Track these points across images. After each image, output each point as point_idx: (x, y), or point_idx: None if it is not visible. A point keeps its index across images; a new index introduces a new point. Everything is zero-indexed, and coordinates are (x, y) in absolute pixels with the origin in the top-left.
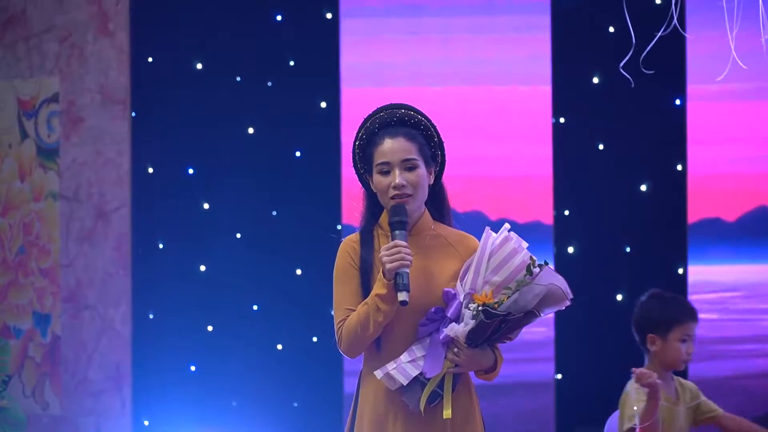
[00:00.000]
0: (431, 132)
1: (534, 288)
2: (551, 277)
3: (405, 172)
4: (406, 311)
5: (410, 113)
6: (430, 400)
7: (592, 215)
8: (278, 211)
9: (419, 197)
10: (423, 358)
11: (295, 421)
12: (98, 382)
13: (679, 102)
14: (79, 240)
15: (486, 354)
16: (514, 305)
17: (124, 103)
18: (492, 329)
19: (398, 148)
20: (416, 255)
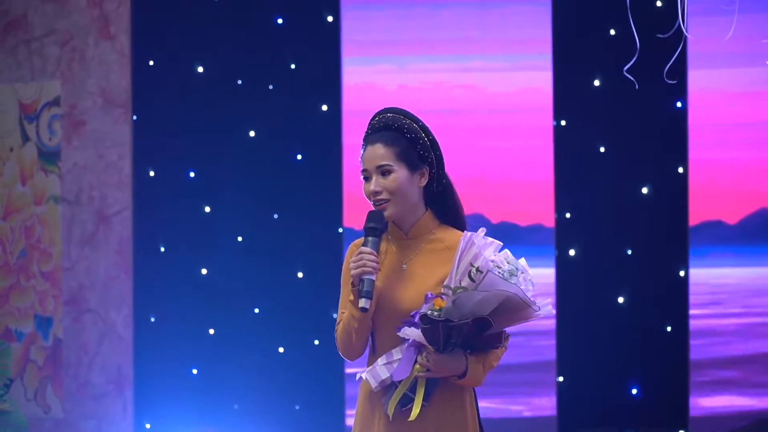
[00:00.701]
0: (416, 135)
1: (474, 295)
2: (497, 284)
3: (380, 178)
4: (398, 315)
5: (395, 117)
6: (403, 404)
7: (593, 218)
8: (279, 215)
9: (400, 202)
10: (398, 361)
11: (296, 424)
12: (100, 385)
13: (681, 104)
14: (81, 243)
15: (456, 360)
16: (454, 311)
17: (126, 106)
18: (445, 335)
19: (373, 155)
20: (411, 260)
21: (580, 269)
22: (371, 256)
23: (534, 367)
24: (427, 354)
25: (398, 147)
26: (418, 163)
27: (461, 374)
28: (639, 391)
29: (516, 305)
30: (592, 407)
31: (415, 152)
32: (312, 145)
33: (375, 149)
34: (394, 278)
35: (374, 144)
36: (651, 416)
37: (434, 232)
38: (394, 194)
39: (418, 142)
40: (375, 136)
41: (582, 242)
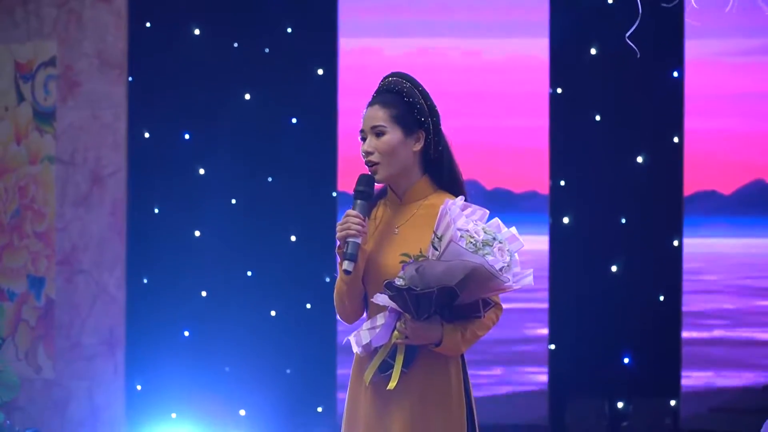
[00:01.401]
0: (414, 99)
1: (436, 264)
2: (461, 255)
3: (374, 139)
4: (386, 280)
5: (396, 80)
6: (382, 370)
7: (588, 186)
8: (274, 178)
9: (391, 164)
10: (381, 326)
11: (288, 387)
12: (92, 346)
13: (677, 74)
14: (75, 204)
15: (432, 328)
16: (418, 279)
17: (121, 67)
18: (412, 302)
19: (369, 116)
20: (403, 224)
21: (573, 237)
22: (357, 219)
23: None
24: (405, 321)
25: (395, 109)
26: (414, 127)
27: (437, 342)
28: (631, 361)
29: (483, 276)
30: (583, 376)
31: (412, 116)
32: (307, 109)
33: (373, 110)
34: (385, 243)
35: (373, 105)
36: (643, 386)
37: (429, 197)
38: (385, 156)
39: (415, 106)
40: (376, 98)
41: (576, 210)
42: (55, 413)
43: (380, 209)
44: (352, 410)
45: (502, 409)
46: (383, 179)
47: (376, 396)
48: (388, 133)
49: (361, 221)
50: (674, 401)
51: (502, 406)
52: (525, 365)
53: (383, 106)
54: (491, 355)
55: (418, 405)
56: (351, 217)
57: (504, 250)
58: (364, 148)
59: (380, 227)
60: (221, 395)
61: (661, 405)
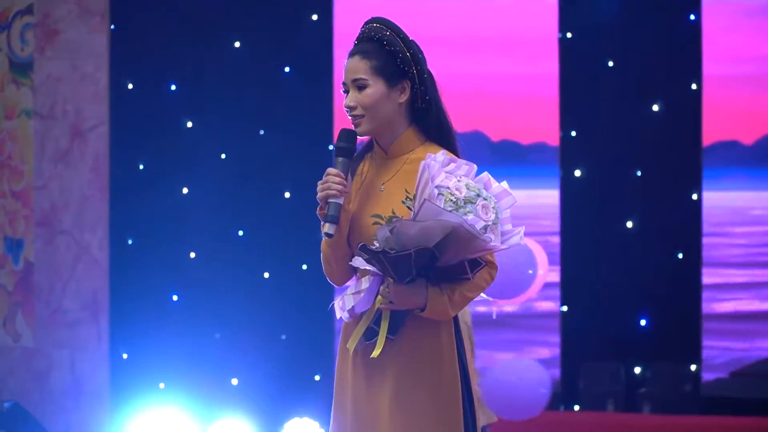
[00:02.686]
0: (396, 47)
1: (411, 225)
2: (437, 214)
3: (356, 93)
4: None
5: (375, 27)
6: (367, 337)
7: (600, 136)
8: (266, 130)
9: (375, 118)
10: (365, 291)
11: (283, 354)
12: (73, 312)
13: (694, 17)
14: (54, 160)
15: (417, 291)
16: (393, 241)
17: (103, 14)
18: (390, 265)
19: (350, 68)
20: (389, 181)
21: (586, 191)
22: (337, 178)
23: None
24: (388, 285)
25: (376, 60)
26: (398, 78)
27: (422, 306)
28: (648, 323)
29: (463, 236)
30: (597, 340)
31: (395, 66)
32: (301, 57)
33: (353, 62)
34: (370, 200)
35: (353, 56)
36: (661, 349)
37: (416, 150)
38: (368, 110)
39: (397, 55)
40: (355, 47)
41: (588, 162)
42: (36, 384)
43: (366, 164)
44: (340, 381)
45: None
46: (366, 132)
47: (362, 366)
48: (370, 85)
49: (342, 180)
50: (694, 366)
51: None
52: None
53: (364, 56)
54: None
55: (405, 374)
56: (331, 176)
57: (489, 207)
58: (346, 102)
59: (365, 183)
60: (212, 364)
61: (680, 370)
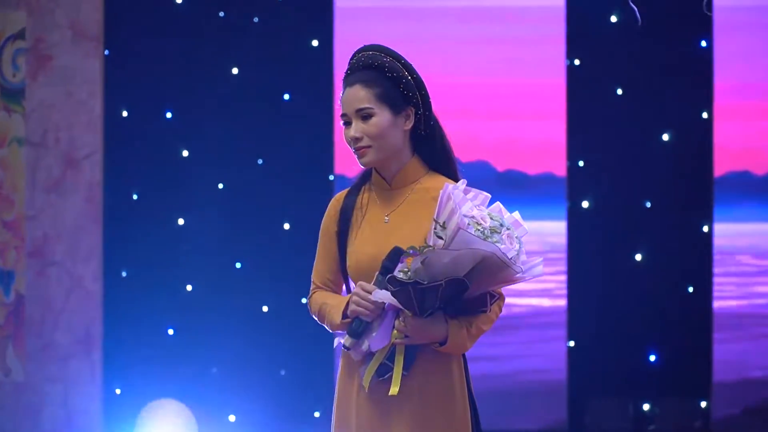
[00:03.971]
0: (399, 73)
1: (443, 254)
2: (471, 243)
3: (360, 123)
4: (372, 274)
5: (374, 54)
6: (381, 374)
7: (609, 166)
8: (264, 160)
9: (382, 148)
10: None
11: (281, 391)
12: (66, 346)
13: (705, 43)
14: (46, 190)
15: (437, 325)
16: (424, 272)
17: (97, 39)
18: (419, 297)
19: (352, 98)
20: (395, 211)
21: (593, 223)
22: (372, 306)
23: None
24: (405, 318)
25: (379, 88)
26: (402, 105)
27: (442, 341)
28: (657, 358)
29: (495, 265)
30: (605, 375)
31: (398, 92)
32: (301, 84)
33: (354, 91)
34: (374, 233)
35: (353, 85)
36: (670, 385)
37: (421, 180)
38: (375, 140)
39: (401, 81)
40: (354, 76)
41: (596, 193)
42: (27, 419)
43: (365, 195)
44: (342, 419)
45: (515, 409)
46: (372, 164)
47: (371, 402)
48: (376, 114)
49: (373, 308)
50: (705, 402)
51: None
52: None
53: (365, 85)
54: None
55: (419, 410)
56: (370, 303)
57: (513, 237)
58: (351, 134)
59: (367, 216)
60: (209, 400)
61: (690, 406)
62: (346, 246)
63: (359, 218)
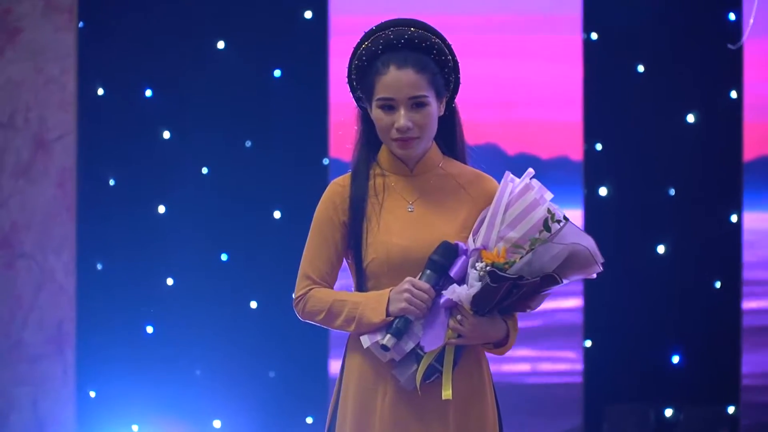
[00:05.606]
0: (446, 56)
1: (552, 248)
2: (575, 236)
3: (411, 112)
4: (410, 267)
5: (422, 33)
6: (426, 376)
7: (629, 150)
8: (253, 142)
9: (427, 138)
10: (421, 326)
11: (270, 394)
12: (36, 345)
13: (734, 16)
14: (15, 175)
15: (496, 324)
16: (527, 267)
17: (70, 11)
18: (501, 295)
19: (406, 83)
20: (418, 199)
21: (612, 212)
22: (425, 296)
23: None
24: (463, 317)
25: (431, 73)
26: (443, 91)
27: (500, 341)
28: (681, 360)
29: (582, 260)
30: (624, 378)
31: (443, 78)
32: (293, 60)
33: (405, 75)
34: (401, 223)
35: (403, 68)
36: (695, 389)
37: (441, 166)
38: (424, 130)
39: (446, 65)
40: (399, 55)
41: (615, 179)
42: None
43: (378, 180)
44: (361, 423)
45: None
46: (416, 154)
47: (402, 404)
48: (429, 103)
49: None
50: (732, 408)
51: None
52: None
53: (420, 69)
54: None
55: (459, 413)
56: (422, 293)
57: None
58: (403, 123)
59: (386, 204)
60: (192, 403)
61: (716, 412)
62: (359, 237)
63: (376, 207)
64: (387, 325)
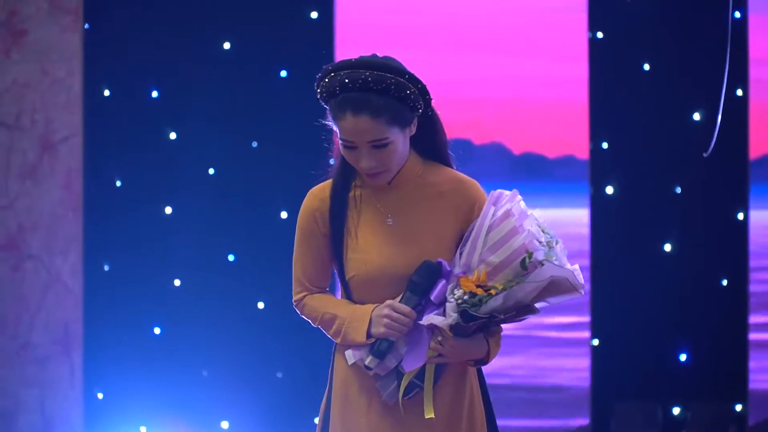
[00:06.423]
0: (406, 92)
1: (526, 286)
2: (554, 271)
3: (374, 151)
4: (390, 283)
5: (377, 75)
6: (407, 392)
7: (635, 149)
8: (259, 143)
9: (395, 167)
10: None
11: (277, 394)
12: (43, 347)
13: (740, 14)
14: (21, 176)
15: (476, 343)
16: (501, 306)
17: (76, 12)
18: (477, 327)
19: (363, 129)
20: (397, 211)
21: (619, 210)
22: (406, 320)
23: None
24: (443, 339)
25: (389, 113)
26: (410, 118)
27: (481, 359)
28: (689, 358)
29: (562, 288)
30: (632, 376)
31: (407, 110)
32: (299, 60)
33: (362, 122)
34: (379, 237)
35: (359, 114)
36: (702, 387)
37: (420, 174)
38: (389, 164)
39: (408, 98)
40: (354, 98)
41: (621, 178)
42: (1, 427)
43: (357, 192)
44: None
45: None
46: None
47: (387, 421)
48: (391, 142)
49: (411, 321)
50: (740, 406)
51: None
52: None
53: (375, 114)
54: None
55: (445, 425)
56: (402, 316)
57: (563, 249)
58: (366, 165)
59: (364, 217)
60: (199, 405)
61: (724, 410)
62: (340, 252)
63: (355, 219)
64: (371, 344)
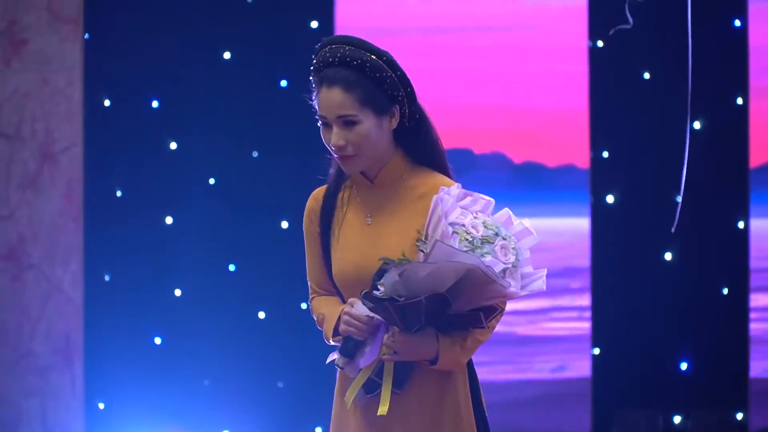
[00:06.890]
0: (383, 73)
1: (421, 268)
2: (451, 255)
3: (344, 130)
4: (365, 282)
5: (354, 51)
6: (369, 390)
7: (635, 158)
8: (260, 152)
9: (368, 155)
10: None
11: (278, 404)
12: (44, 357)
13: (740, 23)
14: (21, 186)
15: (426, 342)
16: (402, 287)
17: (76, 22)
18: (398, 314)
19: (332, 102)
20: (376, 211)
21: (619, 219)
22: (364, 326)
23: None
24: (393, 334)
25: (362, 91)
26: (387, 106)
27: (433, 359)
28: (689, 366)
29: (479, 280)
30: (633, 384)
31: (383, 93)
32: (299, 70)
33: (334, 93)
34: (356, 237)
35: (331, 87)
36: (703, 395)
37: (405, 177)
38: (360, 147)
39: (384, 81)
40: (330, 73)
41: (622, 187)
42: None
43: (346, 193)
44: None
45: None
46: (357, 171)
47: (367, 423)
48: (360, 122)
49: (367, 328)
50: (741, 414)
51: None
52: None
53: (347, 88)
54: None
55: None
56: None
57: (509, 248)
58: (335, 141)
59: (348, 216)
60: (200, 414)
61: (725, 418)
62: (327, 252)
63: (340, 219)
64: (341, 343)
